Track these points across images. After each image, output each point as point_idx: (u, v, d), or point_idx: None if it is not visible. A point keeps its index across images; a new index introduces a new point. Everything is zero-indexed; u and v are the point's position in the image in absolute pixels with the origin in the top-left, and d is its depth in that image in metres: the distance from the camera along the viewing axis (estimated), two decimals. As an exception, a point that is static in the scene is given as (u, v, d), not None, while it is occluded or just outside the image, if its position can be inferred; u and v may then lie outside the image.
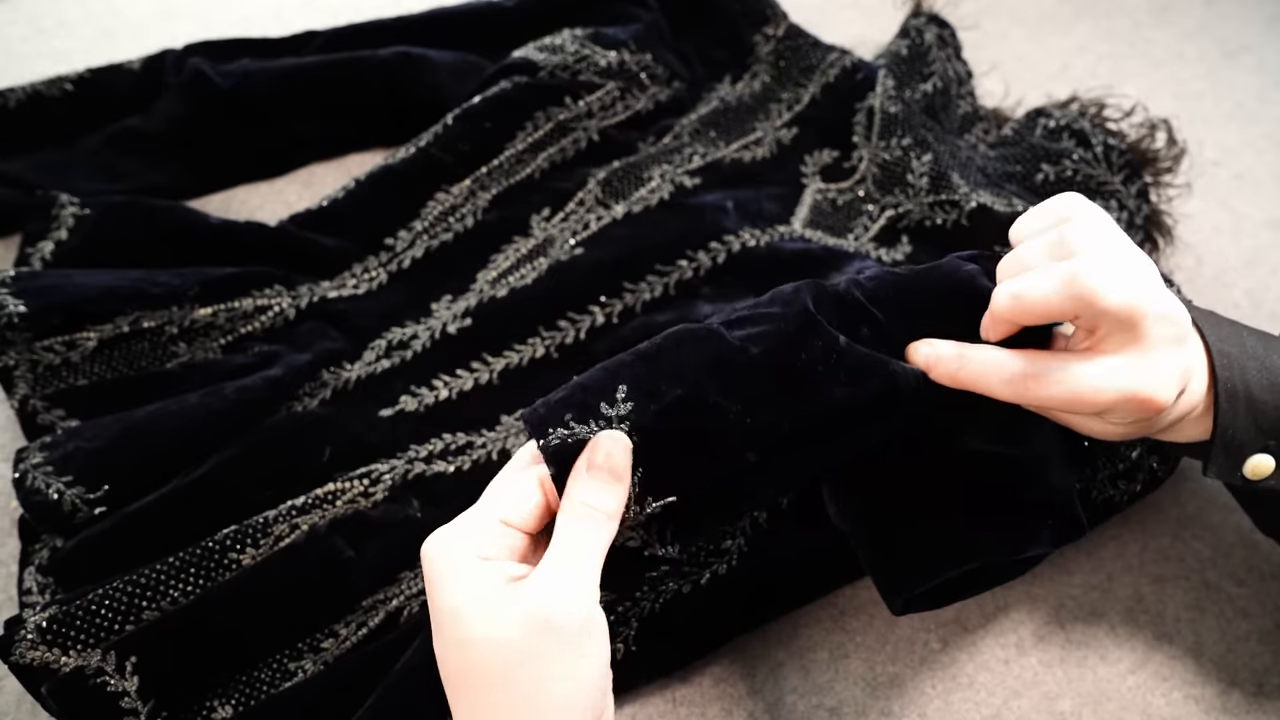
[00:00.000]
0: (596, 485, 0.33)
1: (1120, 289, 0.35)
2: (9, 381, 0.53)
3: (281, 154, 0.68)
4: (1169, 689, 0.47)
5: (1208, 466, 0.40)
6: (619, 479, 0.34)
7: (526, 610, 0.31)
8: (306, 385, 0.54)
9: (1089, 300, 0.35)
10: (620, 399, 0.35)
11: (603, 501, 0.33)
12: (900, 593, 0.39)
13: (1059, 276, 0.35)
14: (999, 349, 0.38)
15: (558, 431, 0.34)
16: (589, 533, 0.33)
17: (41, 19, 0.77)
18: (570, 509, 0.33)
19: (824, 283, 0.39)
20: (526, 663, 0.30)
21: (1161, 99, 0.75)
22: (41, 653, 0.42)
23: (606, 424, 0.34)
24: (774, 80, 0.69)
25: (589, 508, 0.33)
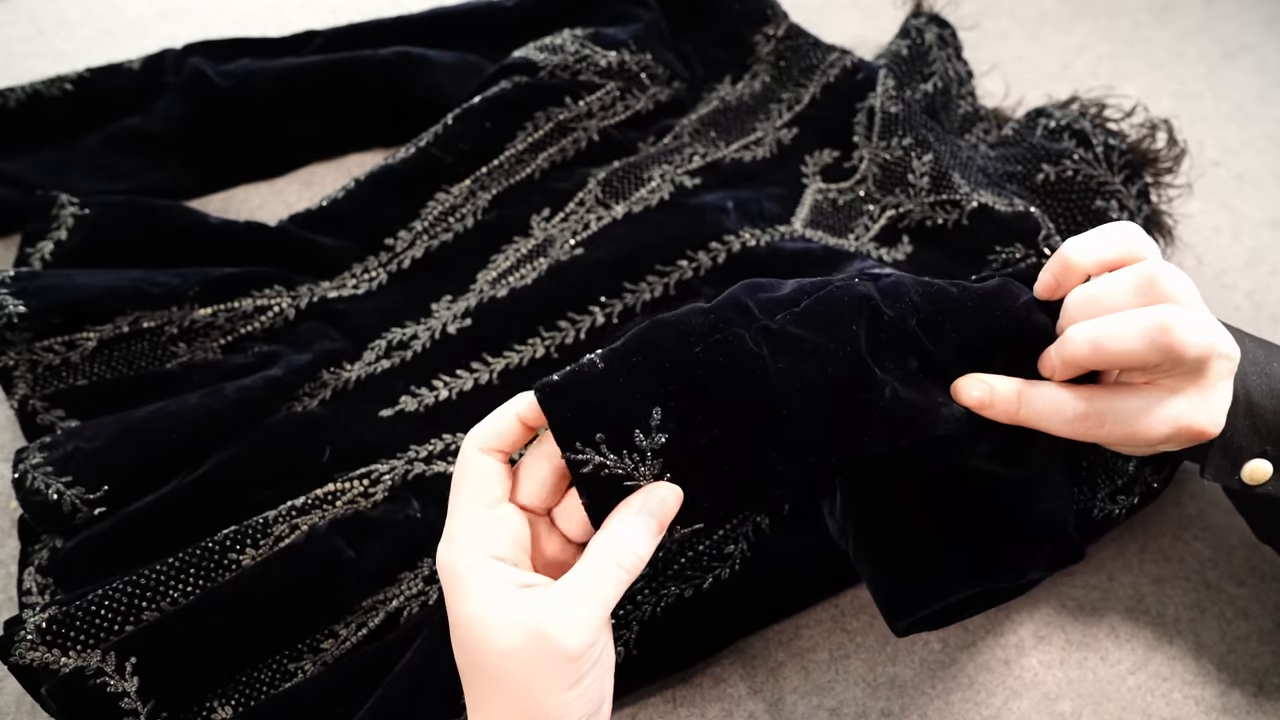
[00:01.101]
0: (641, 531, 0.33)
1: (1202, 338, 0.35)
2: (9, 382, 0.53)
3: (281, 154, 0.68)
4: (1169, 689, 0.47)
5: (1205, 469, 0.40)
6: (663, 530, 0.34)
7: (533, 622, 0.31)
8: (306, 385, 0.54)
9: (1177, 353, 0.35)
10: (655, 427, 0.34)
11: (641, 546, 0.33)
12: (902, 616, 0.39)
13: (1148, 327, 0.35)
14: (1059, 388, 0.37)
15: (590, 455, 0.33)
16: (616, 573, 0.33)
17: (41, 19, 0.77)
18: (607, 544, 0.33)
19: (878, 304, 0.36)
20: (523, 676, 0.31)
21: (1162, 99, 0.75)
22: (41, 653, 0.42)
23: (640, 459, 0.34)
24: (774, 80, 0.69)
25: (627, 550, 0.33)
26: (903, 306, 0.37)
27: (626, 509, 0.34)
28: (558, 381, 0.34)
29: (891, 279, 0.38)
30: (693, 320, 0.35)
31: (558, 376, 0.34)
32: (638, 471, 0.34)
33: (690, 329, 0.35)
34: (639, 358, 0.34)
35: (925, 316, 0.37)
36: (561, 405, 0.34)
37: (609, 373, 0.34)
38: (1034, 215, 0.57)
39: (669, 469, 0.34)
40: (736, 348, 0.35)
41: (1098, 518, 0.47)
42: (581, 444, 0.33)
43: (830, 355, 0.35)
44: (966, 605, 0.41)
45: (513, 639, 0.31)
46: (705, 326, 0.35)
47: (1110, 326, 0.36)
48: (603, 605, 0.32)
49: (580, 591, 0.32)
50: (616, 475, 0.33)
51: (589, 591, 0.32)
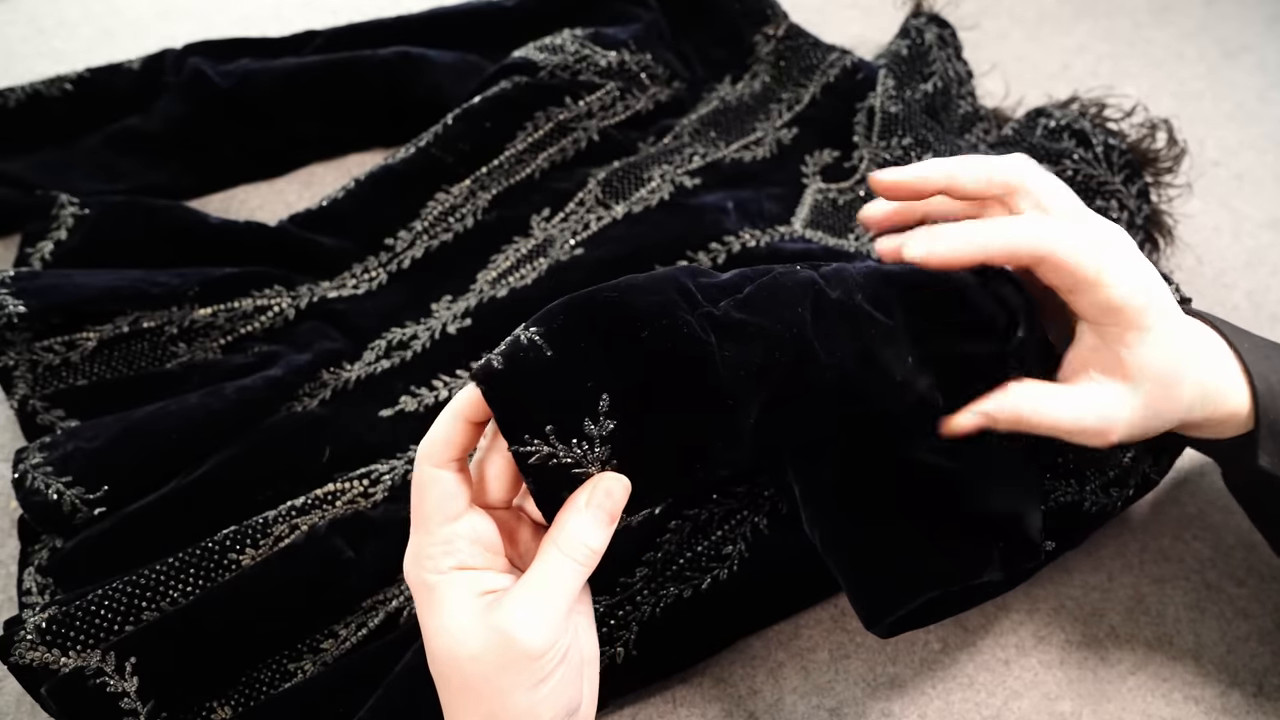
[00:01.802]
0: (591, 524, 0.33)
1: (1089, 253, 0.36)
2: (9, 382, 0.53)
3: (281, 154, 0.68)
4: (1169, 690, 0.47)
5: (1259, 452, 0.40)
6: (614, 521, 0.34)
7: (494, 631, 0.32)
8: (306, 385, 0.54)
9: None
10: (603, 413, 0.33)
11: (593, 539, 0.33)
12: (877, 620, 0.39)
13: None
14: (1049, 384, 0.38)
15: (538, 445, 0.33)
16: (571, 568, 0.33)
17: (41, 19, 0.77)
18: (559, 540, 0.33)
19: (822, 287, 0.37)
20: (490, 678, 0.32)
21: (1162, 99, 0.75)
22: (41, 653, 0.42)
23: (590, 446, 0.33)
24: (774, 80, 0.69)
25: (579, 543, 0.33)
26: (848, 286, 0.37)
27: (575, 503, 0.34)
28: (501, 371, 0.33)
29: (833, 266, 0.39)
30: (638, 302, 0.34)
31: (499, 363, 0.33)
32: (586, 459, 0.33)
33: (636, 312, 0.34)
34: (586, 343, 0.34)
35: (870, 293, 0.37)
36: (508, 398, 0.33)
37: (557, 361, 0.33)
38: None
39: (616, 455, 0.34)
40: (685, 334, 0.34)
41: (1090, 510, 0.47)
42: (530, 435, 0.33)
43: (776, 337, 0.35)
44: (943, 606, 0.41)
45: (477, 645, 0.32)
46: (652, 310, 0.34)
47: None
48: (561, 601, 0.33)
49: (536, 590, 0.32)
50: (565, 464, 0.33)
51: (545, 589, 0.33)
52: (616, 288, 0.35)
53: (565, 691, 0.33)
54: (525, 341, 0.34)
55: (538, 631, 0.32)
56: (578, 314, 0.34)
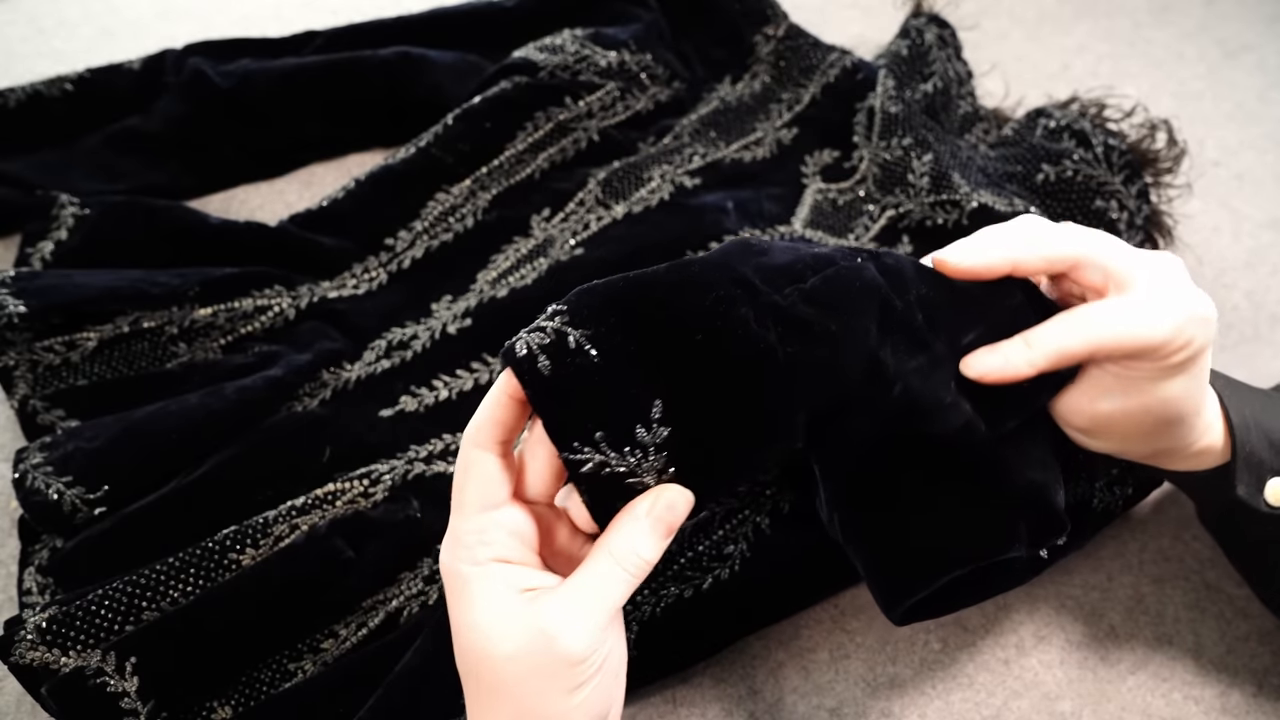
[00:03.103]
0: (648, 535, 0.32)
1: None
2: (9, 382, 0.53)
3: (281, 154, 0.68)
4: (1169, 689, 0.47)
5: (1235, 484, 0.41)
6: (671, 534, 0.33)
7: (536, 625, 0.31)
8: (306, 385, 0.54)
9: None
10: (656, 420, 0.32)
11: (648, 550, 0.33)
12: (897, 603, 0.39)
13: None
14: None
15: (590, 454, 0.32)
16: (622, 577, 0.32)
17: (41, 19, 0.77)
18: (612, 547, 0.32)
19: (889, 295, 0.36)
20: (524, 679, 0.31)
21: (1162, 99, 0.75)
22: (41, 653, 0.42)
23: (644, 454, 0.32)
24: (774, 80, 0.69)
25: (632, 553, 0.32)
26: (909, 299, 0.36)
27: (634, 512, 0.33)
28: (547, 377, 0.32)
29: (892, 261, 0.37)
30: (691, 301, 0.33)
31: (545, 367, 0.32)
32: (640, 468, 0.32)
33: (687, 311, 0.33)
34: (636, 347, 0.32)
35: (928, 312, 0.37)
36: (555, 404, 0.32)
37: (605, 367, 0.32)
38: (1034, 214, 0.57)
39: (673, 463, 0.33)
40: (742, 333, 0.33)
41: (1098, 508, 0.47)
42: (580, 443, 0.32)
43: (843, 344, 0.34)
44: (961, 593, 0.40)
45: (515, 644, 0.31)
46: (706, 308, 0.33)
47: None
48: (608, 609, 0.32)
49: (584, 595, 0.32)
50: (619, 473, 0.32)
51: (593, 595, 0.32)
52: (666, 283, 0.34)
53: (600, 700, 0.32)
54: (572, 345, 0.32)
55: (581, 636, 0.31)
56: (625, 314, 0.33)
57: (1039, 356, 0.37)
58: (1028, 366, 0.37)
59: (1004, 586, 0.42)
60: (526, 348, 0.32)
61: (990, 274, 0.38)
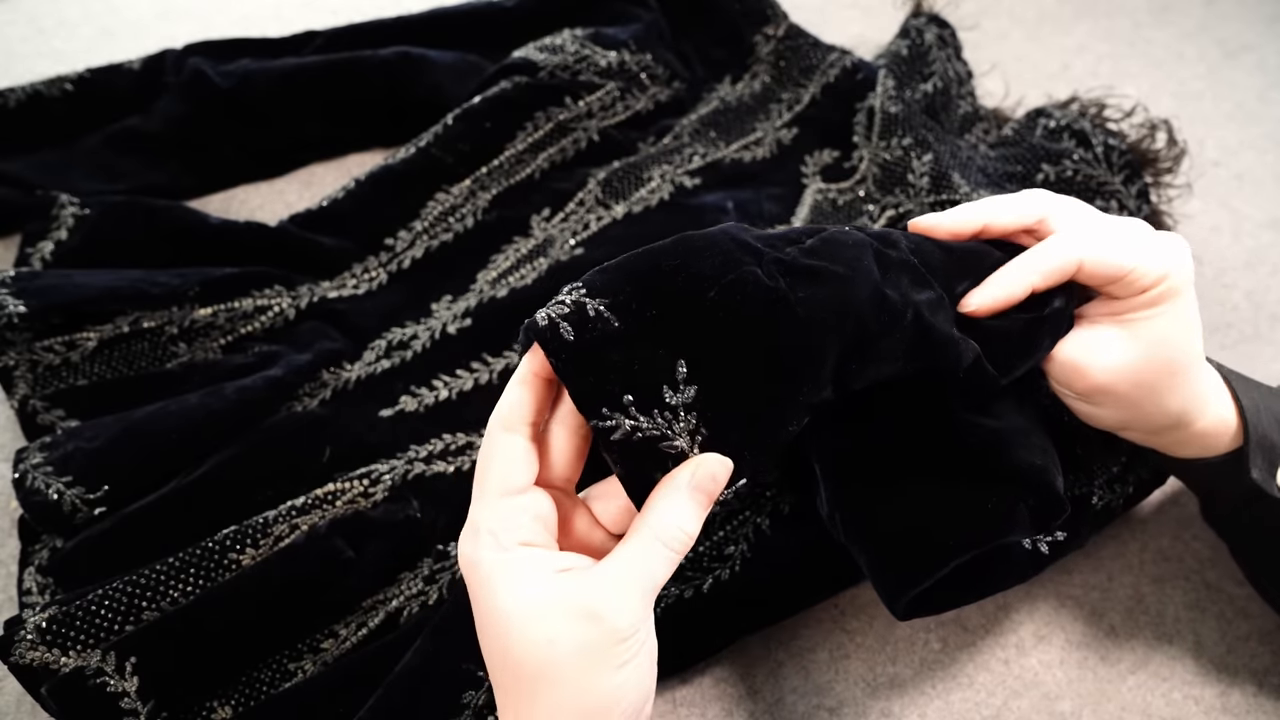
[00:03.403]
0: (689, 507, 0.32)
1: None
2: (9, 382, 0.53)
3: (281, 154, 0.68)
4: (1169, 689, 0.47)
5: (1250, 467, 0.41)
6: (711, 503, 0.32)
7: (578, 604, 0.30)
8: (306, 385, 0.54)
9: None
10: (683, 379, 0.32)
11: (690, 523, 0.32)
12: (900, 595, 0.39)
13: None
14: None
15: (620, 420, 0.31)
16: (665, 553, 0.31)
17: (41, 19, 0.77)
18: (653, 522, 0.31)
19: (881, 247, 0.37)
20: (571, 661, 0.30)
21: (1162, 99, 0.75)
22: (41, 653, 0.42)
23: (674, 416, 0.32)
24: (774, 80, 0.69)
25: (675, 527, 0.31)
26: (902, 248, 0.38)
27: (674, 484, 0.32)
28: (572, 342, 0.32)
29: (879, 229, 0.39)
30: (698, 264, 0.33)
31: (569, 333, 0.32)
32: (673, 429, 0.32)
33: (699, 274, 0.33)
34: (655, 311, 0.32)
35: (923, 259, 0.38)
36: (582, 370, 0.32)
37: (625, 331, 0.32)
38: None
39: (705, 422, 0.32)
40: (754, 285, 0.33)
41: (1097, 506, 0.47)
42: (610, 409, 0.31)
43: (850, 280, 0.34)
44: (964, 587, 0.40)
45: (557, 625, 0.29)
46: (715, 268, 0.33)
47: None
48: (651, 586, 0.31)
49: (629, 570, 0.31)
50: (652, 437, 0.31)
51: (638, 571, 0.31)
52: (675, 252, 0.34)
53: (644, 679, 0.31)
54: (592, 313, 0.32)
55: (627, 612, 0.30)
56: (639, 283, 0.33)
57: (1031, 273, 0.38)
58: (1023, 285, 0.38)
59: (1006, 582, 0.42)
60: (548, 319, 0.32)
61: (964, 231, 0.40)
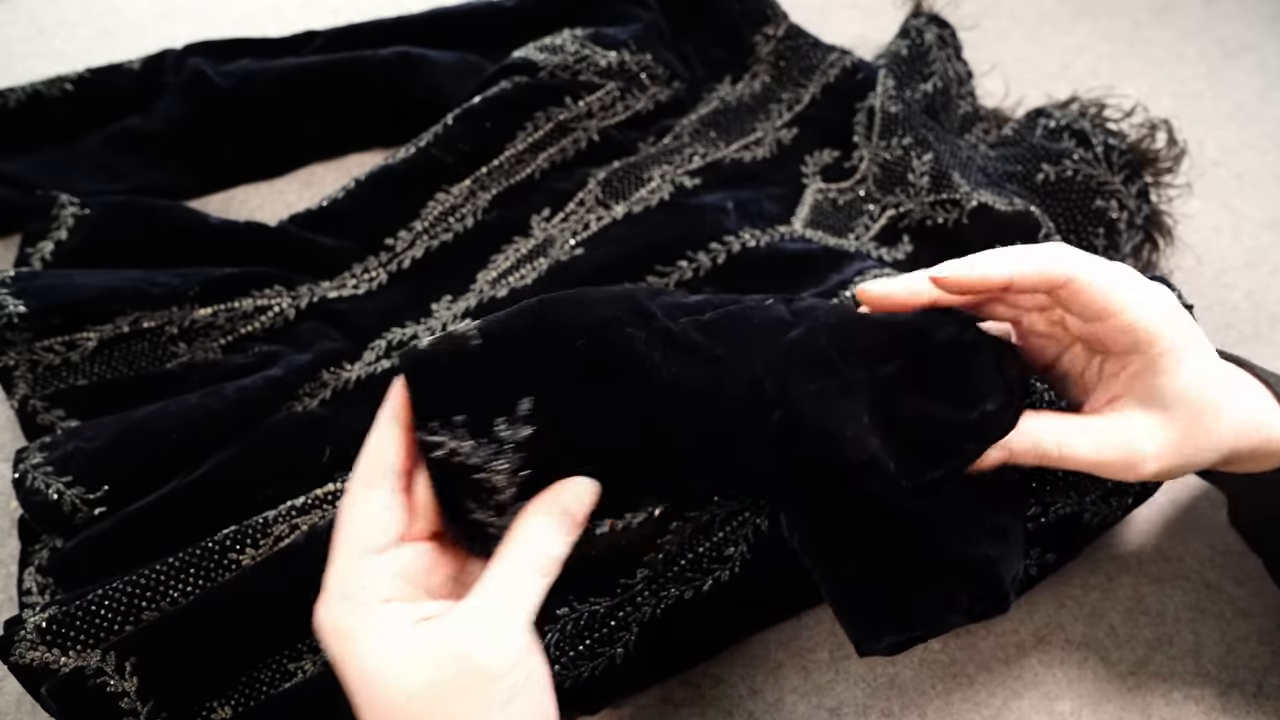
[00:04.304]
0: (556, 530, 0.30)
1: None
2: (9, 382, 0.53)
3: (281, 154, 0.68)
4: (1169, 689, 0.47)
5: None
6: (578, 527, 0.31)
7: (447, 649, 0.28)
8: (306, 385, 0.54)
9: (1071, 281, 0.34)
10: (522, 417, 0.31)
11: (557, 546, 0.31)
12: (858, 647, 0.39)
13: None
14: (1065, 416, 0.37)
15: (445, 438, 0.30)
16: (533, 579, 0.30)
17: (41, 19, 0.77)
18: (520, 547, 0.30)
19: (790, 323, 0.35)
20: (452, 703, 0.28)
21: (1162, 99, 0.75)
22: (41, 653, 0.42)
23: (498, 449, 0.31)
24: (774, 80, 0.69)
25: (541, 552, 0.30)
26: (815, 326, 0.36)
27: (538, 507, 0.31)
28: (425, 351, 0.31)
29: (807, 303, 0.37)
30: (584, 314, 0.33)
31: (428, 344, 0.32)
32: (492, 465, 0.31)
33: (577, 324, 0.32)
34: (519, 343, 0.32)
35: (837, 339, 0.36)
36: (426, 380, 0.31)
37: (482, 352, 0.31)
38: (1034, 214, 0.57)
39: (530, 465, 0.31)
40: (624, 347, 0.32)
41: (1092, 522, 0.47)
42: (440, 424, 0.31)
43: (724, 367, 0.33)
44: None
45: (425, 673, 0.28)
46: (596, 323, 0.33)
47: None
48: (524, 614, 0.30)
49: (497, 603, 0.29)
50: (467, 465, 0.31)
51: (507, 602, 0.29)
52: (570, 300, 0.33)
53: (536, 712, 0.30)
54: (459, 333, 0.32)
55: (499, 648, 0.29)
56: (521, 316, 0.33)
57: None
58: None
59: (979, 617, 0.41)
60: (426, 346, 0.32)
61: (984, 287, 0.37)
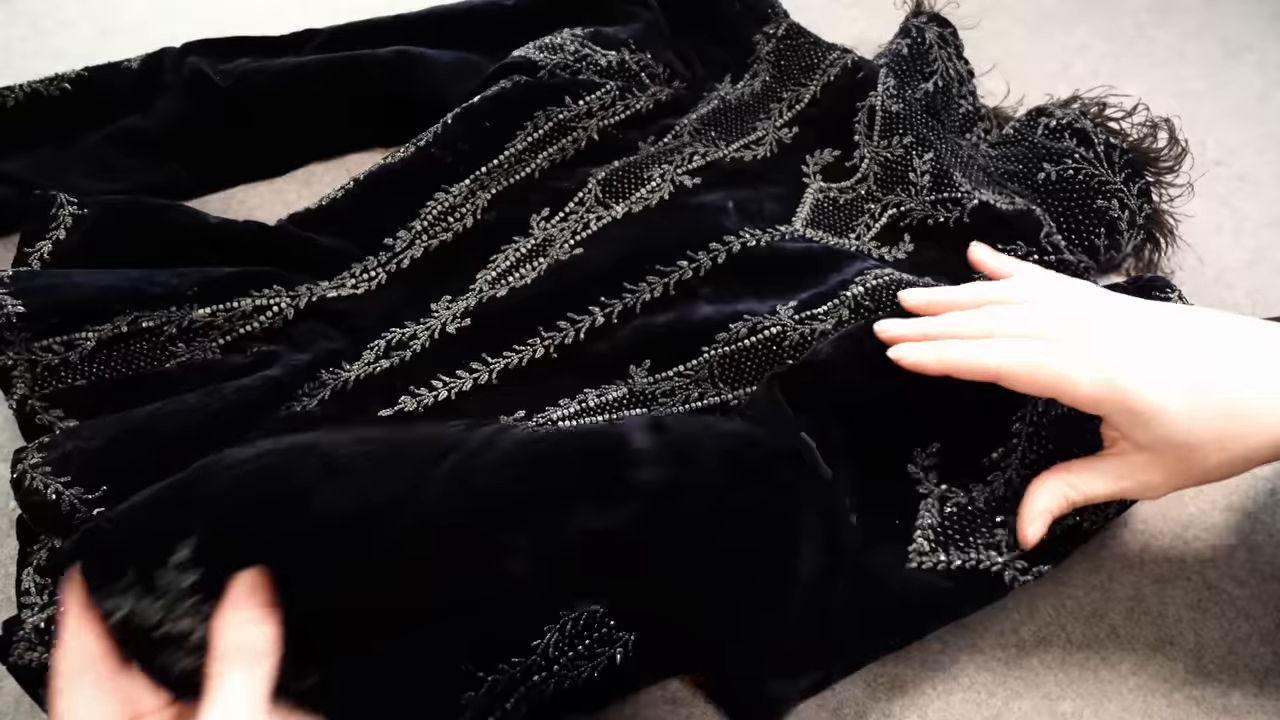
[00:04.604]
0: (244, 623, 0.30)
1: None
2: (7, 382, 0.53)
3: (281, 153, 0.68)
4: (1170, 690, 0.47)
5: None
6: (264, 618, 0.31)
7: None
8: (305, 385, 0.54)
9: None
10: (184, 563, 0.31)
11: (257, 639, 0.30)
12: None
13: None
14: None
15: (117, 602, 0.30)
16: (243, 675, 0.29)
17: (40, 18, 0.77)
18: (221, 657, 0.29)
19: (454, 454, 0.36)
20: None
21: (1163, 98, 0.75)
22: (40, 654, 0.42)
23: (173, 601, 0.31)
24: (775, 79, 0.69)
25: (241, 649, 0.30)
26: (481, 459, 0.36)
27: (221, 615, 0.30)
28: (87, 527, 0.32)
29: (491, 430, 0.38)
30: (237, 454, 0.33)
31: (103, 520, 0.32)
32: (170, 617, 0.31)
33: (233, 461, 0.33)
34: (175, 491, 0.32)
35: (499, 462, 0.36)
36: (90, 551, 0.31)
37: (142, 504, 0.32)
38: (1035, 213, 0.57)
39: (203, 610, 0.31)
40: (274, 474, 0.33)
41: (1090, 528, 0.46)
42: (109, 591, 0.30)
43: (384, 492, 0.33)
44: None
45: None
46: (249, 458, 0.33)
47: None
48: (246, 714, 0.29)
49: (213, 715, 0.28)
50: (149, 625, 0.30)
51: (223, 711, 0.28)
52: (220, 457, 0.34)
53: None
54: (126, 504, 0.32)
55: None
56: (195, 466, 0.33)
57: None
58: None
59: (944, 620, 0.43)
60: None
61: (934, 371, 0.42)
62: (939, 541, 0.44)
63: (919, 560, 0.43)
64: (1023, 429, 0.45)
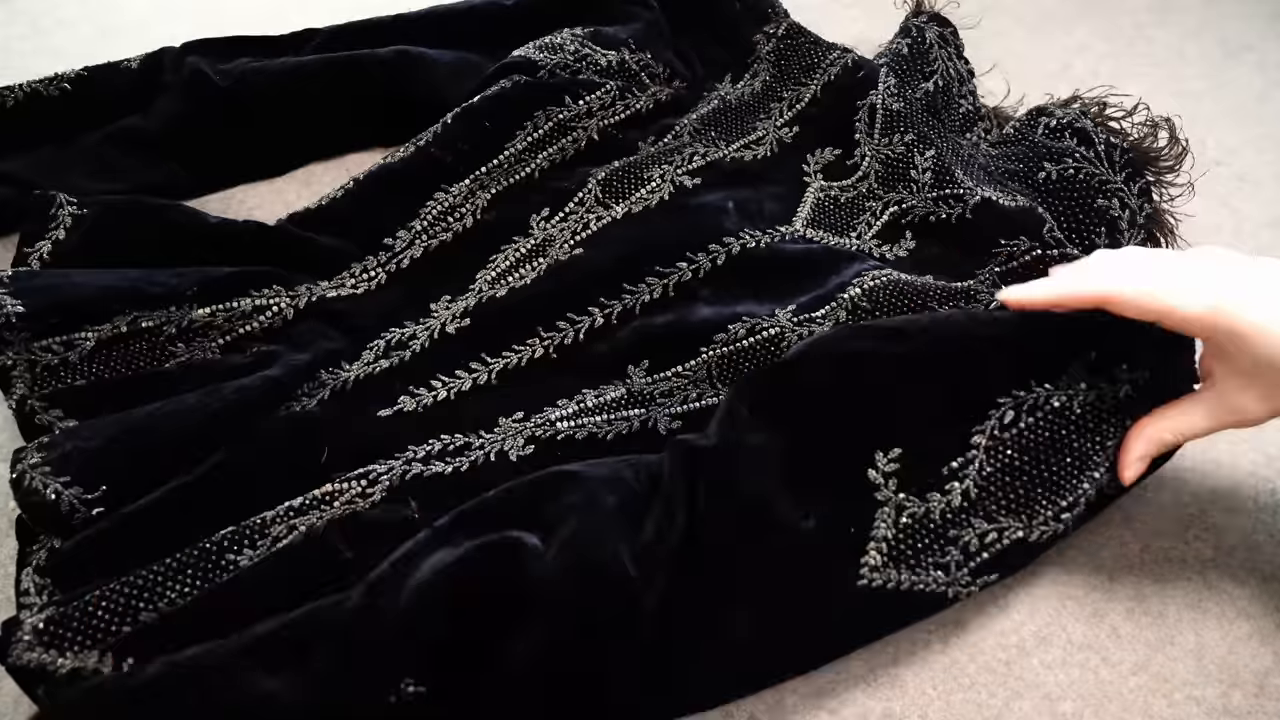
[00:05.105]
0: None
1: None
2: (7, 382, 0.53)
3: (281, 154, 0.68)
4: (1170, 690, 0.47)
5: None
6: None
7: None
8: (305, 385, 0.54)
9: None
10: None
11: None
12: None
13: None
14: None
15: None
16: None
17: (40, 18, 0.77)
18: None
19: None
20: None
21: (1163, 98, 0.75)
22: (39, 654, 0.42)
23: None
24: (775, 79, 0.69)
25: None
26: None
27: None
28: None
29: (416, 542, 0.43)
30: None
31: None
32: None
33: None
34: None
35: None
36: None
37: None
38: (1038, 209, 0.57)
39: None
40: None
41: (1040, 540, 0.46)
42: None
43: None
44: None
45: None
46: None
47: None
48: None
49: None
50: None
51: None
52: None
53: None
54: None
55: None
56: None
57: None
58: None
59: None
60: None
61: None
62: (891, 557, 0.44)
63: (870, 577, 0.43)
64: (982, 441, 0.45)
